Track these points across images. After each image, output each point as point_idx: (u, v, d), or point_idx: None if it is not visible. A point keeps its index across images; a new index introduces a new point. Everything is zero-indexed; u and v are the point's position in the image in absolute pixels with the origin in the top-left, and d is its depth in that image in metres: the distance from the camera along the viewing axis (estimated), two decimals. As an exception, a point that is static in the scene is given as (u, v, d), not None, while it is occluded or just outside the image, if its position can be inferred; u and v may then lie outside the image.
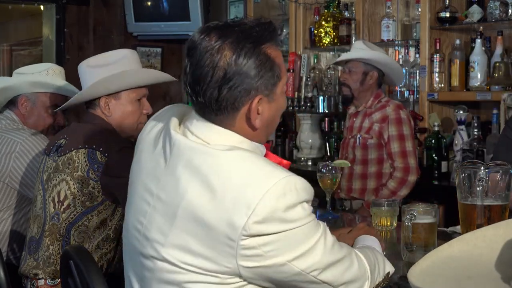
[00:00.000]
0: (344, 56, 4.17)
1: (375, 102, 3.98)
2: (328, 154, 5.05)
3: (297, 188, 1.62)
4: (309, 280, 1.67)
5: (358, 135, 3.98)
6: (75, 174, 2.59)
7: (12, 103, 3.29)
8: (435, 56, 4.46)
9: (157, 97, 6.61)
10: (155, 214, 1.71)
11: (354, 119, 4.05)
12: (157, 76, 2.88)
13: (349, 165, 3.33)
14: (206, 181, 1.64)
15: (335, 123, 5.17)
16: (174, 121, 1.79)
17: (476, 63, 4.29)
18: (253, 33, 1.70)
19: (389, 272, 1.87)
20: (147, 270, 1.73)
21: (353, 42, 4.58)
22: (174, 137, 1.73)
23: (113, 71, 2.69)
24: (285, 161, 1.87)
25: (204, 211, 1.63)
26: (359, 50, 4.02)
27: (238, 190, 1.61)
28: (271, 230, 1.60)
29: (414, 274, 1.60)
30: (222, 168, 1.64)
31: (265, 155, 1.80)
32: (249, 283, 1.67)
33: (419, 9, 4.59)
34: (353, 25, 4.95)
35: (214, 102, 1.68)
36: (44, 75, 3.27)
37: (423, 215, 2.08)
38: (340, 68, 4.89)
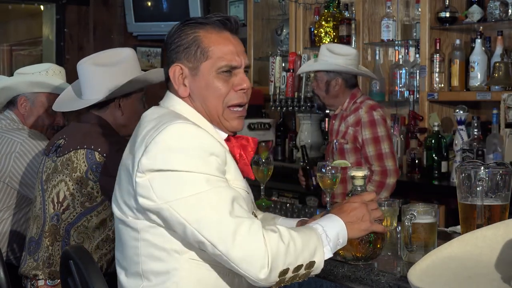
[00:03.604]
0: (300, 69, 4.18)
1: (350, 104, 3.90)
2: (328, 154, 5.05)
3: (187, 135, 1.81)
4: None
5: (335, 141, 3.94)
6: (74, 175, 2.59)
7: (11, 103, 3.29)
8: (435, 56, 4.46)
9: (157, 97, 6.60)
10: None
11: (334, 122, 4.01)
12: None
13: (349, 165, 3.33)
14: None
15: (335, 123, 5.17)
16: None
17: (476, 63, 4.28)
18: (199, 20, 1.96)
19: (314, 261, 1.85)
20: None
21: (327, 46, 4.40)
22: None
23: (126, 70, 2.70)
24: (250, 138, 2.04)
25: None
26: (319, 59, 3.97)
27: (145, 134, 1.86)
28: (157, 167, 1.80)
29: (414, 274, 1.60)
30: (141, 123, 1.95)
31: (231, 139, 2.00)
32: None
33: (419, 9, 4.59)
34: (353, 25, 4.95)
35: None
36: (44, 75, 3.27)
37: (423, 215, 2.08)
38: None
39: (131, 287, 1.93)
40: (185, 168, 1.79)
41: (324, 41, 5.11)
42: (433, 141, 4.34)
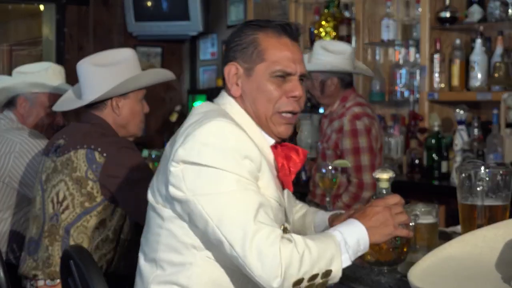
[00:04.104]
0: None
1: (340, 107, 3.76)
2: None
3: (226, 134, 1.81)
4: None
5: (319, 144, 3.84)
6: (74, 175, 2.59)
7: (11, 103, 3.29)
8: (435, 56, 4.46)
9: (157, 97, 6.62)
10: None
11: (324, 121, 3.91)
12: (166, 75, 2.91)
13: (349, 165, 3.31)
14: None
15: (335, 123, 5.16)
16: None
17: (476, 63, 4.28)
18: (260, 23, 1.97)
19: (330, 270, 1.80)
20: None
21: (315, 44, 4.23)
22: None
23: (124, 70, 2.70)
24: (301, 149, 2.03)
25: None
26: (313, 58, 3.80)
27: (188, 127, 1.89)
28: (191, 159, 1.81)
29: (414, 274, 1.59)
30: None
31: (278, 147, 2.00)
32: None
33: (419, 9, 4.59)
34: (353, 25, 4.95)
35: None
36: (44, 75, 3.27)
37: (424, 215, 2.08)
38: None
39: (147, 272, 1.95)
40: (218, 165, 1.79)
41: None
42: (433, 141, 4.34)
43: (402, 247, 1.99)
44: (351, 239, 1.85)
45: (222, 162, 1.79)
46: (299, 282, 1.77)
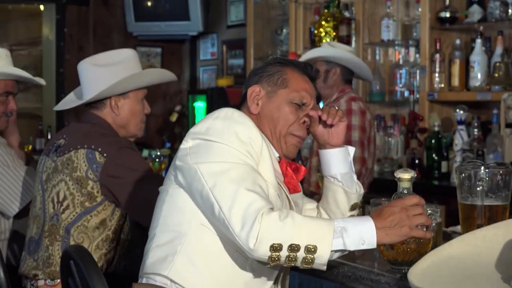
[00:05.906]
0: (304, 56, 4.13)
1: (338, 97, 3.85)
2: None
3: (235, 117, 2.02)
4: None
5: None
6: (74, 175, 2.59)
7: None
8: (435, 56, 4.46)
9: (157, 97, 6.62)
10: None
11: None
12: (166, 75, 2.91)
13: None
14: None
15: (335, 123, 5.16)
16: None
17: (476, 63, 4.28)
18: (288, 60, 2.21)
19: (316, 246, 1.82)
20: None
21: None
22: None
23: (123, 70, 2.70)
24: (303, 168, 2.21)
25: None
26: (320, 49, 3.95)
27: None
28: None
29: (414, 274, 1.60)
30: None
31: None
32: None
33: (419, 9, 4.59)
34: (353, 25, 4.95)
35: None
36: None
37: (429, 216, 2.08)
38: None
39: (146, 249, 2.08)
40: (222, 141, 1.98)
41: (324, 41, 5.11)
42: (433, 141, 4.34)
43: (423, 247, 1.97)
44: (352, 230, 1.86)
45: (227, 139, 1.98)
46: (277, 248, 1.83)
